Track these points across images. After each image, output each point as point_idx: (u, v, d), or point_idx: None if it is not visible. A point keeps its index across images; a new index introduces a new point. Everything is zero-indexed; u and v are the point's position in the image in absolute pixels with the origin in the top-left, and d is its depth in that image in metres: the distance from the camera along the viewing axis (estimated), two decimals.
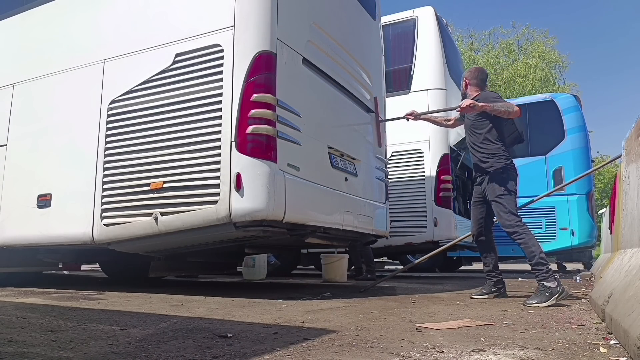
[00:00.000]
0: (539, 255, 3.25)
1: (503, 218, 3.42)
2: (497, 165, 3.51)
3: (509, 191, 3.46)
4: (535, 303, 3.07)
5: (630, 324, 1.59)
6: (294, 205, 3.33)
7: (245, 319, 2.47)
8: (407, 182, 6.55)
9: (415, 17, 6.98)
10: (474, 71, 3.86)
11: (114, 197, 3.59)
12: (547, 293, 3.10)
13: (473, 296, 3.69)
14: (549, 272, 3.18)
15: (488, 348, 1.72)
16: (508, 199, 3.44)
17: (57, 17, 4.27)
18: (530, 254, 3.28)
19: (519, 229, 3.35)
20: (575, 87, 25.84)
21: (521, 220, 3.41)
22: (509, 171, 3.52)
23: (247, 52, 3.24)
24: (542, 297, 3.10)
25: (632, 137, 2.91)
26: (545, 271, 3.18)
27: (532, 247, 3.28)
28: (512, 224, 3.38)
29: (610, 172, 24.46)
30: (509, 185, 3.48)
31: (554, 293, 3.09)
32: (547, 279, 3.15)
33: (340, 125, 4.23)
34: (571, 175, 7.26)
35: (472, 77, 3.80)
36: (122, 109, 3.67)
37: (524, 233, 3.33)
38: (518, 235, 3.34)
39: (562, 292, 3.11)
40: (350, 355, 1.60)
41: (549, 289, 3.11)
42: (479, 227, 3.76)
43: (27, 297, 3.51)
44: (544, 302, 3.07)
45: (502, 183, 3.48)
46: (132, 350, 1.65)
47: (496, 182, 3.49)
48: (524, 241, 3.31)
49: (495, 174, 3.51)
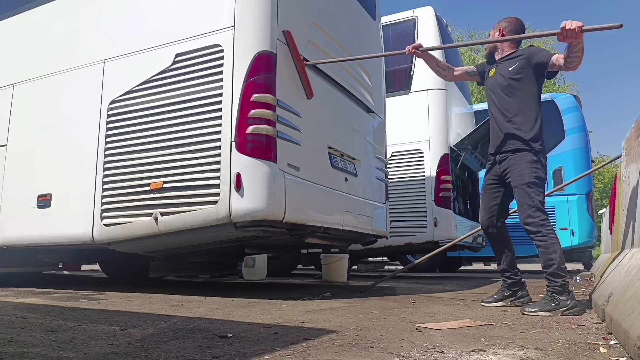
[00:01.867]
0: (559, 265, 2.74)
1: (527, 212, 2.82)
2: (533, 144, 2.85)
3: (541, 180, 2.85)
4: (535, 311, 2.67)
5: (630, 324, 1.59)
6: (294, 205, 3.33)
7: (245, 319, 2.47)
8: (407, 182, 6.54)
9: (415, 17, 6.98)
10: (514, 22, 3.15)
11: (114, 197, 3.59)
12: (554, 304, 2.67)
13: (484, 303, 3.12)
14: (564, 287, 2.71)
15: (488, 348, 1.72)
16: (537, 190, 2.83)
17: (57, 17, 4.27)
18: (548, 261, 2.77)
19: (543, 229, 2.79)
20: (575, 87, 25.87)
21: (548, 219, 2.83)
22: (544, 154, 2.89)
23: (247, 52, 3.24)
24: (547, 306, 2.68)
25: (632, 137, 2.91)
26: (560, 285, 2.71)
27: (552, 254, 2.76)
28: (536, 221, 2.80)
29: (610, 172, 24.46)
30: (541, 172, 2.85)
31: (562, 306, 2.66)
32: (560, 294, 2.71)
33: (340, 125, 4.23)
34: (571, 176, 7.27)
35: (510, 29, 3.12)
36: (122, 109, 3.67)
37: (547, 235, 2.79)
38: (541, 236, 2.79)
39: (572, 307, 2.66)
40: (350, 355, 1.60)
41: (557, 300, 2.68)
42: (490, 217, 3.10)
43: (27, 297, 3.51)
44: (546, 311, 2.66)
45: (534, 168, 2.83)
46: (132, 350, 1.65)
47: (527, 165, 2.84)
48: (546, 245, 2.78)
49: (528, 154, 2.85)
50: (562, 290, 2.71)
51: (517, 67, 3.00)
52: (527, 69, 2.97)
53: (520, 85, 2.97)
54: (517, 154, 2.90)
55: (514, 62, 3.02)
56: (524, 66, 2.98)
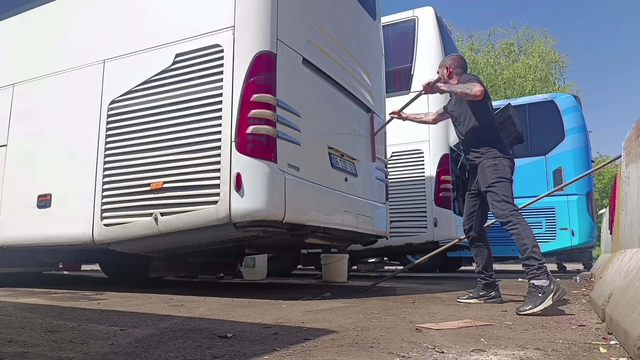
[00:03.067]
0: (532, 249, 2.88)
1: (496, 207, 3.11)
2: (487, 154, 3.24)
3: (502, 178, 3.16)
4: (529, 309, 2.68)
5: (631, 324, 1.59)
6: (294, 205, 3.33)
7: (245, 319, 2.47)
8: (407, 182, 6.54)
9: (415, 18, 6.98)
10: (458, 60, 3.54)
11: (114, 197, 3.59)
12: (540, 294, 2.72)
13: (459, 299, 3.38)
14: (541, 269, 2.81)
15: (488, 348, 1.72)
16: (501, 186, 3.14)
17: (57, 17, 4.27)
18: (522, 246, 2.93)
19: (512, 218, 3.02)
20: (575, 87, 25.91)
21: (517, 210, 3.08)
22: (502, 158, 3.22)
23: (247, 53, 3.24)
24: (535, 299, 2.72)
25: (632, 137, 2.91)
26: (537, 267, 2.82)
27: (525, 239, 2.93)
28: (505, 212, 3.05)
29: (610, 172, 24.47)
30: (501, 172, 3.17)
31: (548, 292, 2.70)
32: (538, 277, 2.79)
33: (340, 125, 4.23)
34: (571, 176, 7.26)
35: (456, 65, 3.49)
36: (122, 109, 3.67)
37: (518, 223, 2.99)
38: (512, 225, 3.01)
39: (557, 289, 2.72)
40: (350, 356, 1.60)
41: (540, 288, 2.73)
42: (469, 221, 3.47)
43: (27, 297, 3.51)
44: (538, 305, 2.68)
45: (494, 170, 3.18)
46: (132, 350, 1.65)
47: (488, 170, 3.20)
48: (517, 232, 2.97)
49: (486, 161, 3.23)
50: (540, 273, 2.81)
51: (452, 100, 3.53)
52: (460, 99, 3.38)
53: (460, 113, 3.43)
54: (480, 165, 3.28)
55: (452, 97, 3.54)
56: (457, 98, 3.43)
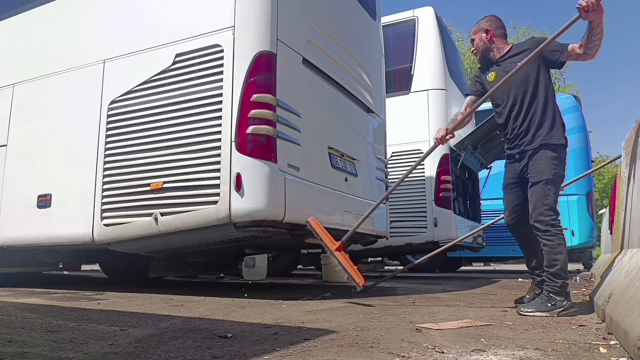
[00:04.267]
0: (562, 267, 2.65)
1: (539, 210, 2.71)
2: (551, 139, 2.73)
3: (559, 177, 2.75)
4: (532, 311, 2.62)
5: (631, 324, 1.59)
6: (294, 205, 3.33)
7: (245, 319, 2.47)
8: (407, 183, 6.54)
9: (415, 18, 6.98)
10: (495, 20, 3.05)
11: (114, 197, 3.59)
12: (550, 304, 2.62)
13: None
14: (563, 289, 2.65)
15: (488, 348, 1.72)
16: (555, 187, 2.73)
17: (57, 17, 4.27)
18: (552, 261, 2.67)
19: (552, 229, 2.69)
20: (575, 87, 25.93)
21: (559, 220, 2.73)
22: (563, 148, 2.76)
23: (247, 53, 3.24)
24: (543, 306, 2.63)
25: (632, 137, 2.91)
26: (560, 286, 2.64)
27: (557, 255, 2.66)
28: (547, 220, 2.69)
29: (610, 172, 24.46)
30: (559, 169, 2.74)
31: (558, 307, 2.61)
32: (558, 294, 2.65)
33: (340, 125, 4.23)
34: (571, 176, 7.25)
35: (496, 26, 3.02)
36: (122, 109, 3.67)
37: (555, 235, 2.68)
38: (549, 235, 2.68)
39: (568, 309, 2.62)
40: (350, 356, 1.60)
41: (554, 300, 2.63)
42: (515, 216, 3.00)
43: (27, 297, 3.51)
44: (543, 311, 2.60)
45: (553, 164, 2.72)
46: (132, 351, 1.65)
47: (546, 162, 2.73)
48: (552, 245, 2.68)
49: (546, 152, 2.73)
50: (561, 291, 2.65)
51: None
52: (536, 62, 2.81)
53: (531, 80, 2.83)
54: (538, 152, 2.77)
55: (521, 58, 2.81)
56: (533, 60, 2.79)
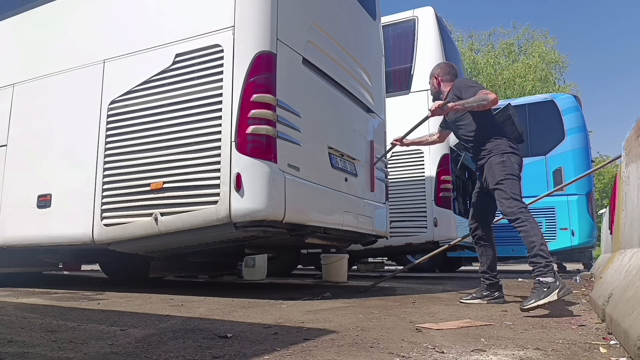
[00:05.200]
0: (540, 246, 2.84)
1: (504, 204, 3.04)
2: (494, 151, 3.17)
3: (511, 175, 3.09)
4: (533, 302, 2.66)
5: (631, 324, 1.59)
6: (294, 205, 3.33)
7: (245, 319, 2.47)
8: (407, 182, 6.54)
9: (415, 18, 6.98)
10: (444, 67, 3.55)
11: (114, 197, 3.59)
12: (545, 288, 2.69)
13: (462, 300, 3.34)
14: (547, 267, 2.79)
15: (488, 348, 1.72)
16: (510, 183, 3.07)
17: (57, 17, 4.27)
18: (530, 244, 2.88)
19: (521, 216, 2.95)
20: (575, 87, 25.87)
21: (526, 207, 3.00)
22: (510, 155, 3.15)
23: (247, 53, 3.24)
24: (539, 293, 2.68)
25: (632, 137, 2.91)
26: (544, 265, 2.79)
27: (533, 237, 2.88)
28: (513, 210, 2.98)
29: (610, 172, 24.45)
30: (509, 169, 3.10)
31: (553, 288, 2.67)
32: (545, 274, 2.76)
33: (340, 125, 4.23)
34: (571, 176, 7.26)
35: (443, 73, 3.49)
36: (122, 109, 3.67)
37: (526, 221, 2.93)
38: (520, 222, 2.94)
39: (563, 287, 2.69)
40: (350, 356, 1.60)
41: (546, 284, 2.71)
42: (475, 220, 3.44)
43: (27, 297, 3.51)
44: (543, 298, 2.65)
45: (502, 167, 3.11)
46: (132, 351, 1.65)
47: (495, 167, 3.12)
48: (525, 229, 2.91)
49: (494, 158, 3.15)
50: (546, 270, 2.77)
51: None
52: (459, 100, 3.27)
53: (463, 118, 3.34)
54: (487, 162, 3.21)
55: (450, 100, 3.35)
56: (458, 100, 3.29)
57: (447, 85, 3.47)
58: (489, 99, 3.09)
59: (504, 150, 3.17)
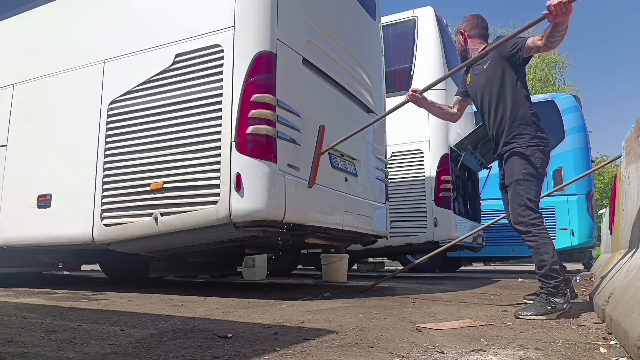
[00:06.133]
0: (551, 266, 2.58)
1: (516, 211, 2.70)
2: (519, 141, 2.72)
3: (530, 176, 2.68)
4: (531, 315, 2.52)
5: (631, 324, 1.59)
6: (294, 205, 3.33)
7: (245, 319, 2.47)
8: (407, 182, 6.54)
9: (415, 18, 6.98)
10: (472, 20, 3.03)
11: (114, 197, 3.59)
12: (550, 307, 2.52)
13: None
14: (557, 289, 2.56)
15: (488, 348, 1.72)
16: (527, 185, 2.67)
17: (57, 17, 4.27)
18: (540, 262, 2.62)
19: (532, 229, 2.65)
20: (575, 87, 25.88)
21: (540, 217, 2.68)
22: (535, 148, 2.70)
23: (247, 53, 3.24)
24: (542, 309, 2.53)
25: (632, 137, 2.91)
26: (553, 286, 2.56)
27: (544, 255, 2.61)
28: (526, 221, 2.66)
29: (610, 172, 24.45)
30: (531, 168, 2.68)
31: (558, 309, 2.51)
32: (554, 295, 2.55)
33: (340, 125, 4.22)
34: (571, 176, 7.26)
35: (470, 26, 3.00)
36: (122, 109, 3.67)
37: (538, 235, 2.64)
38: (531, 236, 2.65)
39: (568, 310, 2.54)
40: (350, 356, 1.60)
41: (553, 302, 2.53)
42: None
43: (27, 297, 3.51)
44: (542, 314, 2.51)
45: (523, 165, 2.68)
46: (132, 351, 1.65)
47: (517, 162, 2.71)
48: (536, 245, 2.64)
49: (516, 151, 2.72)
50: (556, 292, 2.56)
51: (490, 65, 2.87)
52: (500, 62, 2.82)
53: (495, 84, 2.83)
54: (510, 153, 2.78)
55: (486, 60, 2.88)
56: (497, 61, 2.83)
57: (475, 42, 2.99)
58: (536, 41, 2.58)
59: (529, 142, 2.72)
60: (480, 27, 3.01)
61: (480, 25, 3.01)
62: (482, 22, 3.03)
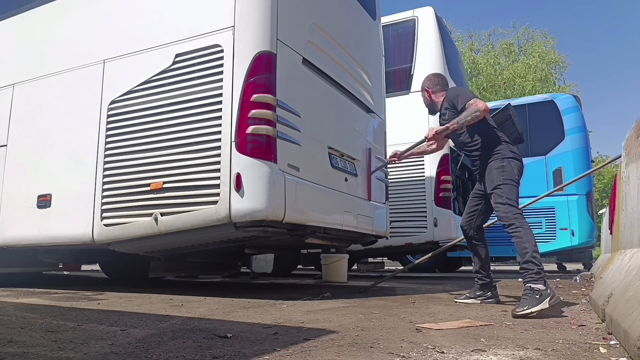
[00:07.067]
0: (532, 253, 2.87)
1: (500, 209, 3.08)
2: (494, 156, 3.19)
3: (509, 180, 3.11)
4: (526, 309, 2.63)
5: (630, 324, 1.59)
6: (294, 205, 3.33)
7: (245, 319, 2.47)
8: (407, 183, 6.55)
9: (415, 18, 6.98)
10: (433, 79, 3.60)
11: (114, 197, 3.59)
12: (537, 295, 2.68)
13: (456, 300, 3.42)
14: (539, 274, 2.80)
15: (488, 348, 1.72)
16: (507, 188, 3.09)
17: (57, 17, 4.27)
18: (523, 250, 2.91)
19: (515, 222, 2.98)
20: (575, 87, 25.88)
21: (520, 213, 3.05)
22: (510, 160, 3.17)
23: (247, 53, 3.24)
24: (532, 301, 2.67)
25: (632, 137, 2.91)
26: (536, 272, 2.81)
27: (526, 244, 2.91)
28: (508, 215, 3.01)
29: (610, 172, 24.47)
30: (508, 174, 3.12)
31: (545, 296, 2.67)
32: (536, 281, 2.77)
33: (340, 125, 4.23)
34: (571, 176, 7.26)
35: (432, 84, 3.56)
36: (122, 109, 3.67)
37: (520, 227, 2.96)
38: (514, 228, 2.97)
39: (553, 295, 2.71)
40: (350, 356, 1.60)
41: (538, 291, 2.70)
42: (469, 220, 3.43)
43: (27, 297, 3.51)
44: (535, 306, 2.64)
45: (501, 172, 3.13)
46: (132, 351, 1.65)
47: (495, 172, 3.15)
48: (519, 235, 2.95)
49: (494, 163, 3.18)
50: (538, 277, 2.79)
51: (448, 116, 3.38)
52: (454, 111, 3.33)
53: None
54: (487, 167, 3.23)
55: (444, 112, 3.43)
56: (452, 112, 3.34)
57: (438, 95, 3.52)
58: (481, 109, 3.12)
59: (504, 155, 3.19)
60: (441, 84, 3.56)
61: (441, 82, 3.57)
62: (442, 79, 3.61)
